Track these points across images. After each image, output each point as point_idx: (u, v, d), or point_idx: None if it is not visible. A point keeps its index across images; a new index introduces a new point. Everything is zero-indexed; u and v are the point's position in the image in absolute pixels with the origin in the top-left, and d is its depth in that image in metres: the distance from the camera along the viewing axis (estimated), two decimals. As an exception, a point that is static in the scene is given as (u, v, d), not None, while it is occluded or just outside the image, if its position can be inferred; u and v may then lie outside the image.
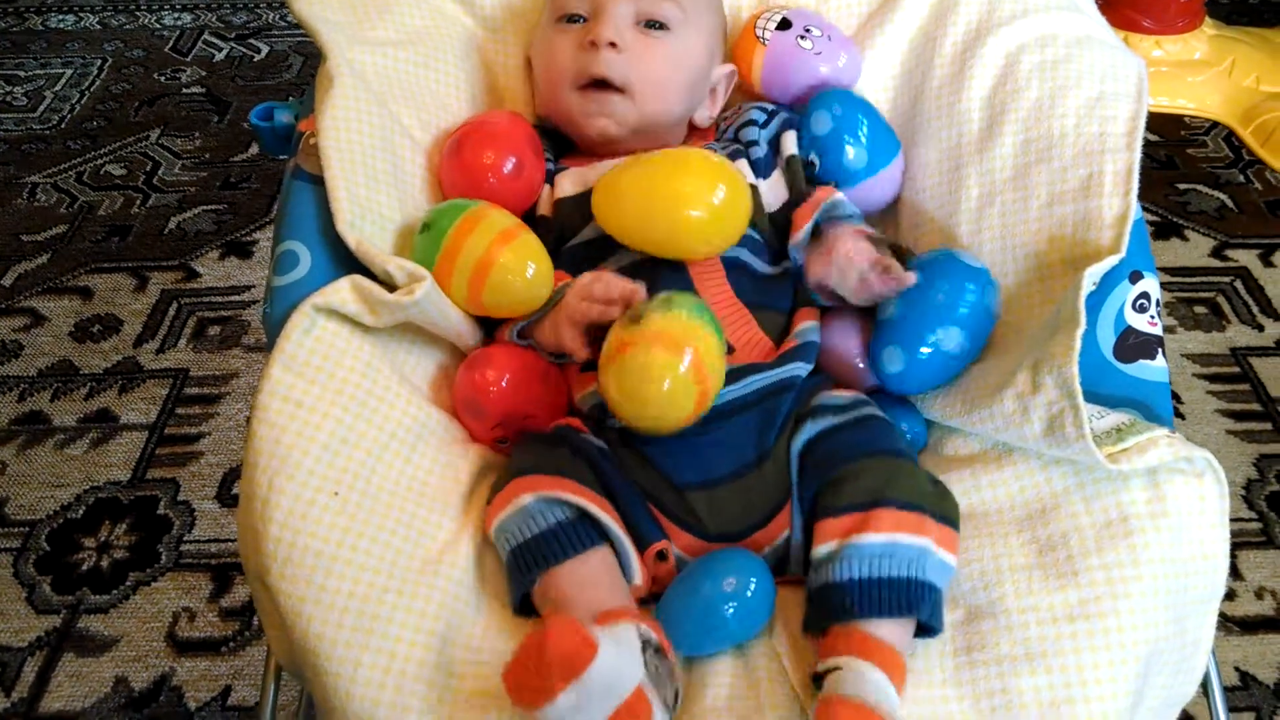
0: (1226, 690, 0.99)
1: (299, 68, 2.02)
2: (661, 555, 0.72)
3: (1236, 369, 1.34)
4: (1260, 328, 1.40)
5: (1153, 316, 0.78)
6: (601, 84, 0.87)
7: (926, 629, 0.65)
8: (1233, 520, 1.14)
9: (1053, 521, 0.70)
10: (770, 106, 0.95)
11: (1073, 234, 0.81)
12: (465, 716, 0.64)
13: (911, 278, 0.75)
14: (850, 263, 0.77)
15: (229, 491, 1.22)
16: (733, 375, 0.74)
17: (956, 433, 0.79)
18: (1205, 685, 0.76)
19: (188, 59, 2.05)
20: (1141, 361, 0.77)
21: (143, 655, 1.07)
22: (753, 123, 0.92)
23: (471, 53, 0.99)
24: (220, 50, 2.08)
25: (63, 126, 1.86)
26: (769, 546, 0.73)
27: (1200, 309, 1.43)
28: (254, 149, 1.77)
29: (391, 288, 0.76)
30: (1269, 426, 1.26)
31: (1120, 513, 0.68)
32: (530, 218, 0.88)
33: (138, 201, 1.67)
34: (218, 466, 1.25)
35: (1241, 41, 1.81)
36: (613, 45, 0.87)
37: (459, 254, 0.76)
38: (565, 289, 0.77)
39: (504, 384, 0.77)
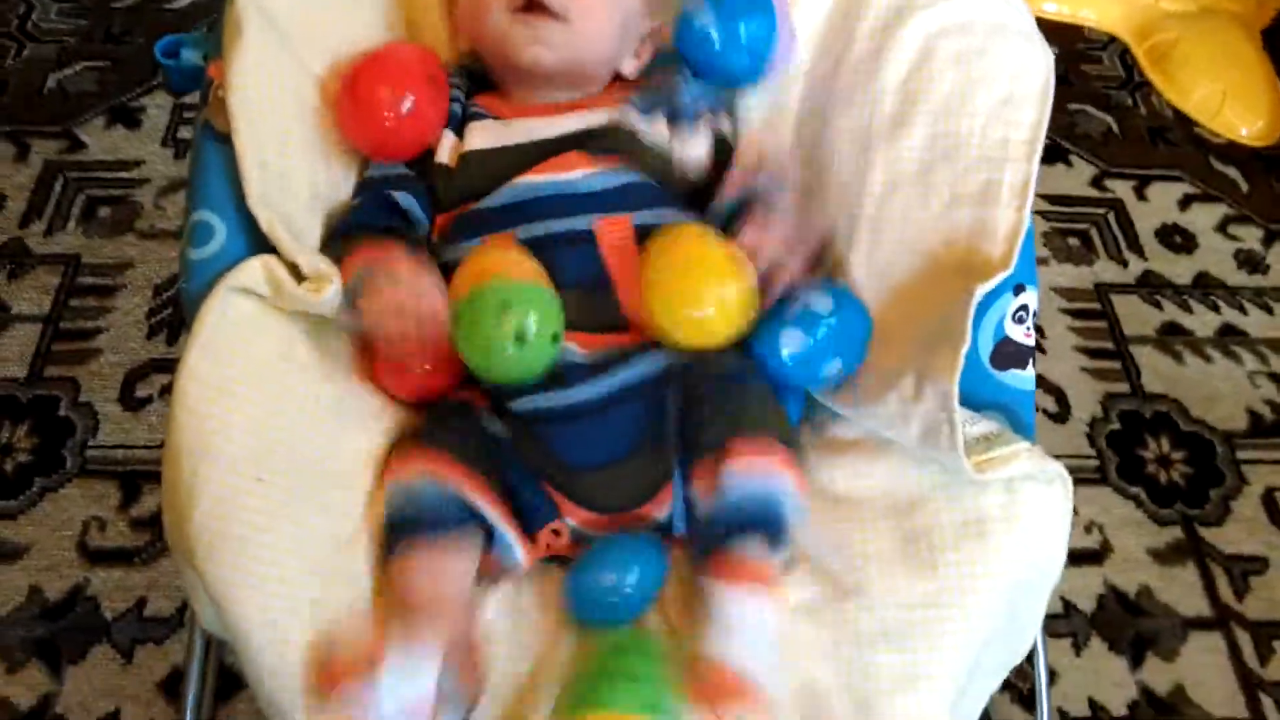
0: (1049, 618, 1.14)
1: (182, -107, 1.85)
2: (555, 531, 0.79)
3: (1097, 305, 1.44)
4: (1125, 263, 1.50)
5: (1029, 328, 0.85)
6: (536, 7, 0.86)
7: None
8: (1073, 457, 1.29)
9: (918, 516, 0.78)
10: (704, 88, 0.96)
11: (967, 240, 0.86)
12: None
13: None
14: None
15: (132, 394, 1.23)
16: (624, 357, 0.79)
17: (840, 418, 0.86)
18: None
19: None
20: (1014, 370, 0.84)
21: (55, 564, 1.10)
22: (683, 79, 0.94)
23: (386, -15, 0.96)
24: None
25: (-85, -50, 1.69)
26: (659, 515, 0.80)
27: (1073, 240, 1.52)
28: (137, -5, 1.66)
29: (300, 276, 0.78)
30: (1118, 366, 1.38)
31: (978, 514, 0.77)
32: (426, 163, 0.87)
33: (11, 52, 1.56)
34: (118, 366, 1.25)
35: (1149, -46, 1.83)
36: None
37: None
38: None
39: None
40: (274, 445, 0.75)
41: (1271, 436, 1.34)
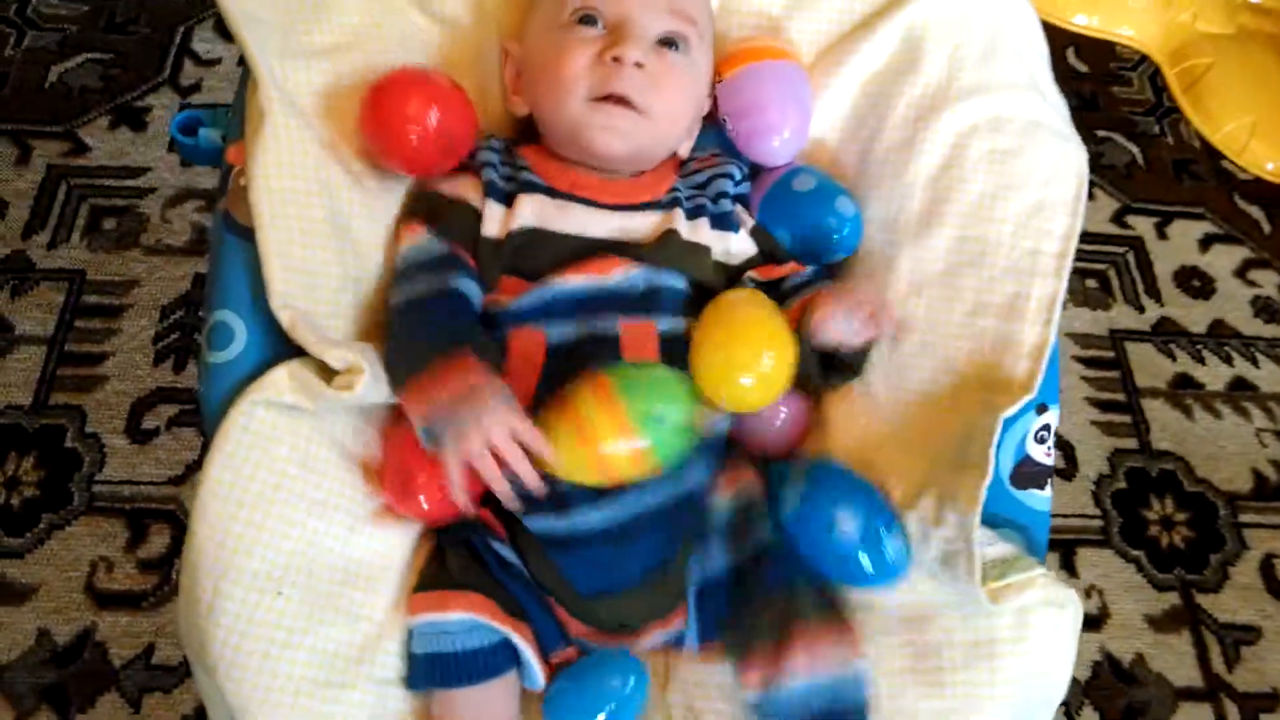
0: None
1: None
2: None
3: (1111, 354, 1.43)
4: (1142, 309, 1.48)
5: (1049, 448, 0.86)
6: (618, 99, 0.85)
7: None
8: (1077, 517, 1.29)
9: (930, 631, 0.79)
10: (745, 168, 0.94)
11: (990, 352, 0.86)
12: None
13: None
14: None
15: (138, 425, 1.21)
16: (637, 484, 0.77)
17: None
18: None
19: None
20: (1032, 490, 0.85)
21: (63, 607, 1.10)
22: (729, 177, 0.92)
23: (418, 53, 0.93)
24: None
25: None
26: (662, 633, 0.82)
27: (1091, 283, 1.50)
28: (141, -22, 1.59)
29: (330, 370, 0.77)
30: (1128, 419, 1.38)
31: (988, 635, 0.78)
32: (475, 237, 0.86)
33: (11, 40, 1.50)
34: (124, 395, 1.23)
35: (1189, -30, 1.77)
36: (639, 65, 0.85)
37: None
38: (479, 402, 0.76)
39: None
40: (292, 556, 0.76)
41: (1273, 500, 1.34)
